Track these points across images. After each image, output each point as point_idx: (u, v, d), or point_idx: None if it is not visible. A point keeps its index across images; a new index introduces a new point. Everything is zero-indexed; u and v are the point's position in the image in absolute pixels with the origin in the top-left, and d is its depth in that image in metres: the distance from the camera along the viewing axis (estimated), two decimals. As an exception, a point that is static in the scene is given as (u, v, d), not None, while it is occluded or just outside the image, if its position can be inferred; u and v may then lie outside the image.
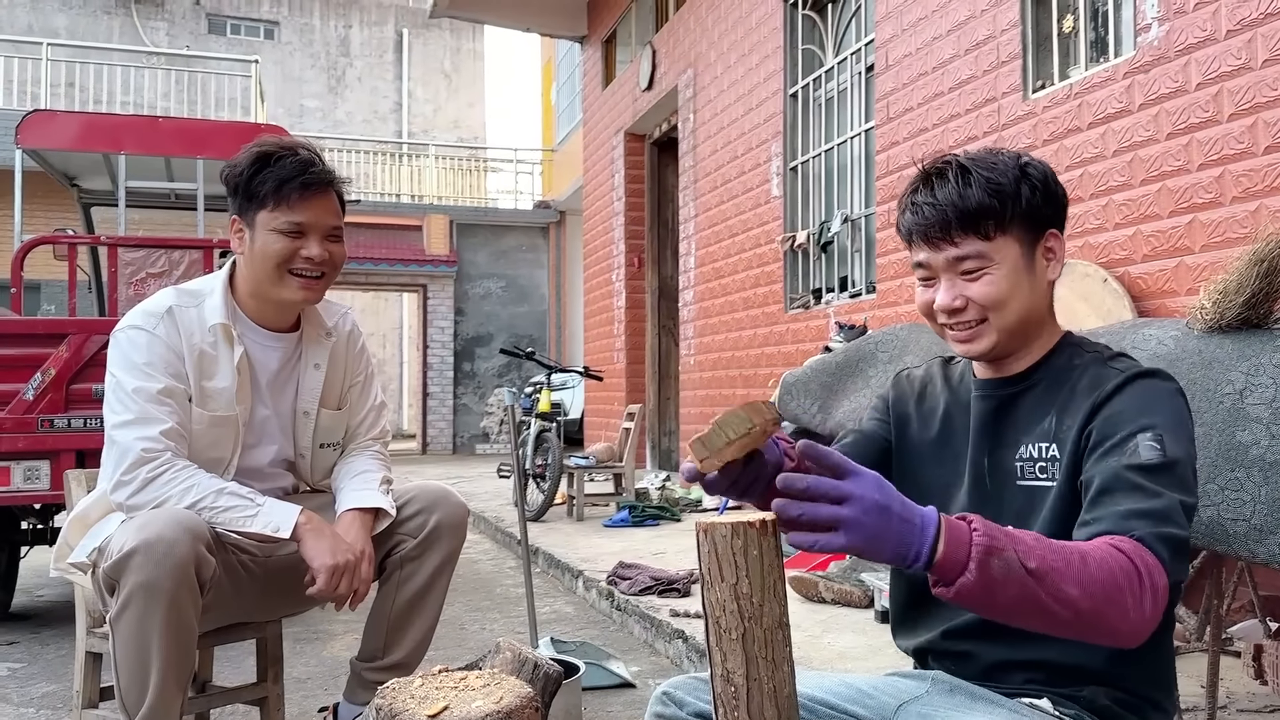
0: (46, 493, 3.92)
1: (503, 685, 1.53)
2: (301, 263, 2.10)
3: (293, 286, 2.12)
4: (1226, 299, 2.21)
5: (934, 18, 5.11)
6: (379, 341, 21.80)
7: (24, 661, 3.81)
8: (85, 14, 18.53)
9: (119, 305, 4.94)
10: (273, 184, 2.06)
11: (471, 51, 22.14)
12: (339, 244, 2.16)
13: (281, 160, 2.08)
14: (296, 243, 2.09)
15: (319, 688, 3.39)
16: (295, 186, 2.06)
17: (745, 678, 1.01)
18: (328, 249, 2.12)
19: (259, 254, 2.10)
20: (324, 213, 2.11)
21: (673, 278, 9.85)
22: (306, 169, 2.08)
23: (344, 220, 2.20)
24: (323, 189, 2.11)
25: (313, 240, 2.10)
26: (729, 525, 1.01)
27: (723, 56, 7.84)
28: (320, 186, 2.10)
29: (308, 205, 2.08)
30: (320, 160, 2.13)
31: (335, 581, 2.00)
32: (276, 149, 2.10)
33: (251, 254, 2.12)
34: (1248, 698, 2.75)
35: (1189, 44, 3.59)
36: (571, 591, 5.04)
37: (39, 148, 5.46)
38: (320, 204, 2.10)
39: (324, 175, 2.11)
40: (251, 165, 2.08)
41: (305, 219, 2.08)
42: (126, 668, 1.88)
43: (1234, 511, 2.07)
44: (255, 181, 2.07)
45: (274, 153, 2.09)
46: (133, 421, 2.00)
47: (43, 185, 7.34)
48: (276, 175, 2.06)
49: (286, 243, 2.08)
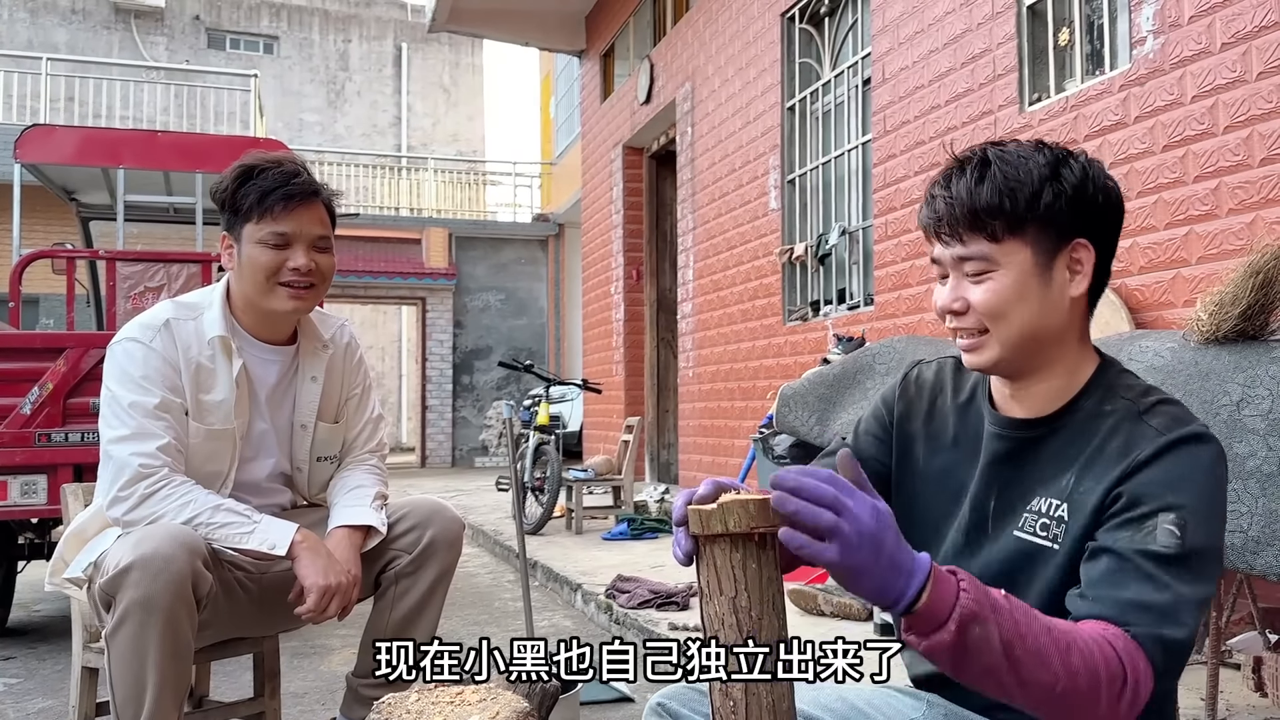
0: (44, 507, 3.91)
1: (499, 700, 1.53)
2: (289, 274, 2.10)
3: (282, 297, 2.12)
4: (1223, 311, 2.22)
5: (931, 31, 5.13)
6: (378, 354, 21.79)
7: (20, 677, 3.79)
8: (85, 29, 18.60)
9: (117, 319, 4.94)
10: (255, 196, 2.06)
11: (470, 66, 22.22)
12: (327, 254, 2.16)
13: (264, 173, 2.08)
14: (282, 254, 2.09)
15: (316, 703, 3.37)
16: (278, 198, 2.06)
17: (744, 691, 1.00)
18: (314, 259, 2.12)
19: (247, 267, 2.10)
20: (308, 222, 2.11)
21: (671, 290, 9.86)
22: (289, 180, 2.08)
23: (334, 231, 2.20)
24: (307, 199, 2.10)
25: (299, 250, 2.10)
26: (728, 538, 1.01)
27: (720, 70, 7.86)
28: (304, 197, 2.10)
29: (291, 216, 2.08)
30: (305, 172, 2.13)
31: (325, 602, 1.99)
32: (259, 162, 2.10)
33: (240, 268, 2.12)
34: (1248, 710, 2.74)
35: (1184, 57, 3.61)
36: (570, 605, 5.03)
37: (38, 162, 5.47)
38: (304, 214, 2.10)
39: (307, 185, 2.11)
40: (235, 180, 2.09)
41: (290, 229, 2.08)
42: (123, 683, 1.87)
43: (1231, 524, 2.07)
44: (239, 195, 2.08)
45: (257, 166, 2.09)
46: (129, 437, 2.00)
47: (42, 200, 7.35)
48: (259, 187, 2.07)
49: (272, 254, 2.08)
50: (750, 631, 1.00)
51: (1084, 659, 1.01)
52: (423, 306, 16.32)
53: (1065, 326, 1.22)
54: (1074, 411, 1.22)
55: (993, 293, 1.19)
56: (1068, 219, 1.19)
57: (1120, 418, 1.18)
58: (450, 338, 16.33)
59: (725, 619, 1.00)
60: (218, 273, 4.86)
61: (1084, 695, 1.01)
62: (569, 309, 16.59)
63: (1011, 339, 1.20)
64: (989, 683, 1.01)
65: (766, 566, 1.01)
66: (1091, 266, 1.21)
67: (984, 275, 1.19)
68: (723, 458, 7.63)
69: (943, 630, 0.97)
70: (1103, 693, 1.01)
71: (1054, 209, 1.18)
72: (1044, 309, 1.19)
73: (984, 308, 1.19)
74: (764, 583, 1.01)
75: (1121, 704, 1.02)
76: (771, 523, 1.00)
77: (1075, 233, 1.20)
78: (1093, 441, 1.18)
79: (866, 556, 0.95)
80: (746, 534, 1.00)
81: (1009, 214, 1.17)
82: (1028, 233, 1.18)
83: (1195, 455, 1.12)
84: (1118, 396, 1.20)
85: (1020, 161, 1.19)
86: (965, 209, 1.18)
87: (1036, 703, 1.02)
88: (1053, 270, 1.19)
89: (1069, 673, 1.00)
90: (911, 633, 0.99)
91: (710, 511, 1.01)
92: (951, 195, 1.20)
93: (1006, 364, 1.22)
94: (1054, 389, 1.23)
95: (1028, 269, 1.18)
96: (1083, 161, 1.22)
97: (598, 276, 11.39)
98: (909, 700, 1.35)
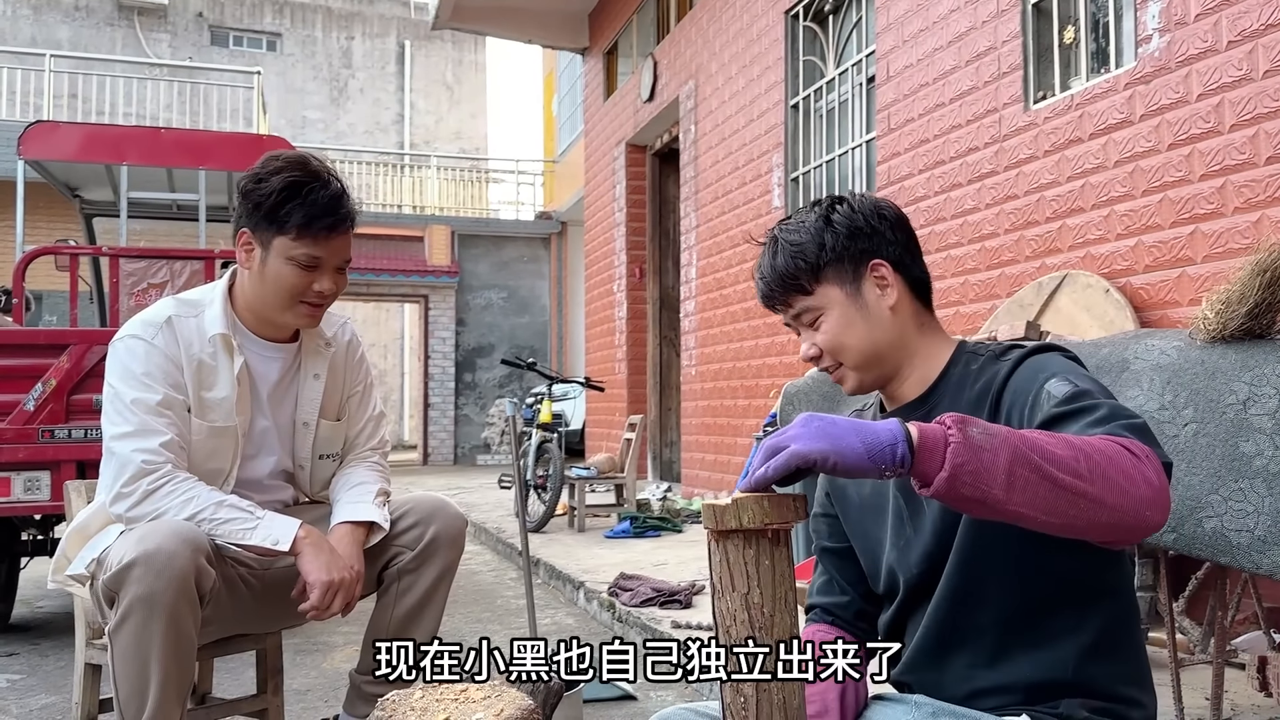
0: (47, 503, 3.91)
1: (504, 697, 1.52)
2: (313, 295, 2.09)
3: (300, 314, 2.12)
4: (1229, 309, 2.20)
5: (935, 29, 5.12)
6: (380, 352, 21.80)
7: (23, 673, 3.79)
8: (88, 25, 18.60)
9: (120, 316, 4.94)
10: (301, 217, 2.01)
11: (473, 63, 22.21)
12: (345, 274, 2.16)
13: (314, 191, 2.02)
14: (311, 275, 2.07)
15: (319, 700, 3.37)
16: (324, 226, 2.02)
17: (755, 688, 1.00)
18: (337, 281, 2.12)
19: (271, 279, 2.07)
20: (342, 248, 2.10)
21: (674, 288, 9.85)
22: (338, 208, 2.04)
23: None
24: (348, 226, 2.09)
25: (326, 274, 2.09)
26: (742, 534, 1.00)
27: (724, 68, 7.85)
28: (348, 225, 2.08)
29: (330, 242, 2.06)
30: (346, 192, 2.09)
31: (329, 598, 1.99)
32: (309, 179, 2.03)
33: (262, 275, 2.08)
34: (1252, 710, 2.73)
35: (1190, 55, 3.60)
36: (573, 603, 5.02)
37: (41, 159, 5.47)
38: (341, 241, 2.08)
39: (351, 214, 2.08)
40: (283, 190, 2.01)
41: (325, 255, 2.06)
42: (126, 680, 1.86)
43: (1237, 523, 2.06)
44: (284, 209, 2.01)
45: (306, 183, 2.02)
46: (132, 433, 1.99)
47: (45, 196, 7.36)
48: (307, 210, 2.01)
49: (302, 275, 2.06)
50: (762, 627, 1.00)
51: (1084, 438, 1.06)
52: (425, 304, 16.32)
53: (899, 331, 1.38)
54: (946, 380, 1.37)
55: (827, 332, 1.38)
56: (854, 250, 1.37)
57: (982, 366, 1.34)
58: (452, 335, 16.33)
59: (737, 614, 1.00)
60: (220, 269, 4.85)
61: (1111, 462, 1.03)
62: (571, 307, 16.59)
63: (859, 361, 1.37)
64: (1026, 483, 1.00)
65: (779, 563, 1.01)
66: (894, 276, 1.38)
67: (817, 321, 1.39)
68: (725, 456, 7.63)
69: (948, 440, 1.00)
70: (1125, 458, 1.04)
71: (837, 248, 1.37)
72: (871, 327, 1.36)
73: (827, 345, 1.38)
74: (777, 579, 1.01)
75: (1146, 467, 1.05)
76: (785, 519, 1.01)
77: (867, 256, 1.37)
78: (966, 392, 1.33)
79: (826, 423, 1.03)
80: (760, 530, 1.00)
81: (807, 269, 1.37)
82: (827, 275, 1.37)
83: (1045, 355, 1.29)
84: (977, 356, 1.37)
85: (799, 226, 1.39)
86: (776, 280, 1.40)
87: (1079, 488, 1.01)
88: (863, 294, 1.37)
89: (1081, 448, 1.03)
90: (925, 464, 1.00)
91: (724, 507, 1.01)
92: (763, 274, 1.42)
93: (870, 380, 1.40)
94: (921, 376, 1.39)
95: (843, 302, 1.37)
96: (849, 200, 1.41)
97: (600, 274, 11.38)
98: (897, 706, 1.37)
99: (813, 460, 1.00)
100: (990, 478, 0.99)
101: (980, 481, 0.99)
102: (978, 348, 1.38)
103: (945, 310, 4.90)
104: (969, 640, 1.29)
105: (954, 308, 4.86)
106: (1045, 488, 1.00)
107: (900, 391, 1.40)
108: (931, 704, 1.32)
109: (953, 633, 1.29)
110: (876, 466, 1.00)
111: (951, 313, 4.85)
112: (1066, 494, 1.00)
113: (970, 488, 0.99)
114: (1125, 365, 2.41)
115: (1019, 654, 1.26)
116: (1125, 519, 1.03)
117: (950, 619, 1.29)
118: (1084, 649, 1.24)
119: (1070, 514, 1.01)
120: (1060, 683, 1.24)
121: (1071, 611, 1.25)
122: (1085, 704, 1.23)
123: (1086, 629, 1.24)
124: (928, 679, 1.34)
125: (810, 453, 1.00)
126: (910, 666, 1.36)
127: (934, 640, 1.31)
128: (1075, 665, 1.23)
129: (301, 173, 2.04)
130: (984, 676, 1.28)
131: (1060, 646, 1.24)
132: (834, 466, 1.00)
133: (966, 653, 1.29)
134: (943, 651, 1.31)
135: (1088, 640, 1.24)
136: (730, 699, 1.02)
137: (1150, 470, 1.04)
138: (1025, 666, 1.25)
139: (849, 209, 1.39)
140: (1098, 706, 1.24)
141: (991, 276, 4.64)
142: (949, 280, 4.91)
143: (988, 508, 1.01)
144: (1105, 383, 2.49)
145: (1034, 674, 1.24)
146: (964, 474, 0.99)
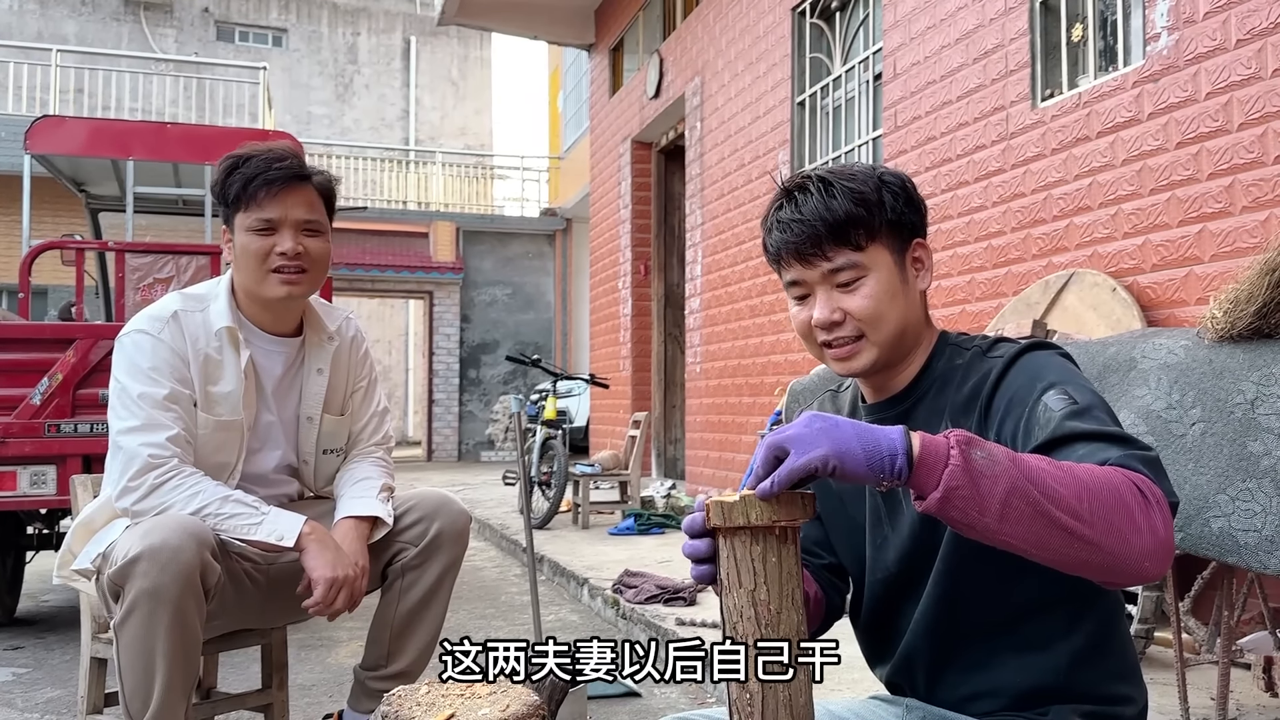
0: (53, 497, 3.92)
1: (509, 693, 1.52)
2: (277, 259, 2.09)
3: (274, 283, 2.11)
4: (1238, 308, 2.20)
5: (942, 26, 5.10)
6: (384, 348, 21.81)
7: (29, 667, 3.80)
8: (94, 21, 18.62)
9: (126, 310, 4.95)
10: (240, 184, 2.07)
11: (479, 59, 22.20)
12: (316, 238, 2.14)
13: (249, 161, 2.09)
14: (270, 239, 2.09)
15: (324, 695, 3.38)
16: (260, 183, 2.06)
17: (761, 685, 1.00)
18: (303, 243, 2.10)
19: (240, 256, 2.12)
20: (294, 206, 2.10)
21: (679, 285, 9.85)
22: (271, 165, 2.08)
23: (333, 217, 2.20)
24: (291, 183, 2.09)
25: (286, 235, 2.09)
26: (749, 531, 1.00)
27: (730, 64, 7.84)
28: (286, 181, 2.08)
29: (276, 201, 2.08)
30: (292, 157, 2.13)
31: (333, 595, 1.99)
32: (246, 151, 2.12)
33: (236, 258, 2.14)
34: (1258, 710, 2.73)
35: (1199, 53, 3.58)
36: (576, 600, 5.03)
37: (48, 153, 5.49)
38: (290, 198, 2.09)
39: (290, 169, 2.10)
40: (224, 171, 2.10)
41: (275, 214, 2.08)
42: (131, 674, 1.87)
43: (1245, 522, 2.06)
44: (227, 185, 2.09)
45: (243, 155, 2.10)
46: (139, 428, 2.00)
47: (51, 191, 7.36)
48: (243, 175, 2.08)
49: (260, 240, 2.08)
50: (768, 624, 1.00)
51: (1089, 472, 1.01)
52: (430, 300, 16.32)
53: (919, 318, 1.31)
54: (930, 373, 1.31)
55: (869, 297, 1.25)
56: (907, 220, 1.28)
57: (969, 361, 1.28)
58: (457, 332, 16.33)
59: (744, 611, 1.00)
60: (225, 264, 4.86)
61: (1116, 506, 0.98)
62: (576, 304, 16.58)
63: (887, 338, 1.26)
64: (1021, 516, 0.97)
65: (786, 561, 1.01)
66: (931, 261, 1.32)
67: (856, 283, 1.25)
68: (730, 453, 7.63)
69: (949, 459, 0.97)
70: (1129, 499, 0.99)
71: (897, 210, 1.27)
72: (908, 306, 1.28)
73: (862, 313, 1.25)
74: (783, 577, 1.01)
75: (1153, 512, 1.00)
76: (793, 517, 1.01)
77: (913, 232, 1.29)
78: (952, 388, 1.27)
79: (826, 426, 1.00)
80: (767, 527, 1.00)
81: (865, 221, 1.24)
82: (883, 236, 1.26)
83: (1037, 356, 1.22)
84: (962, 350, 1.30)
85: (853, 175, 1.27)
86: (825, 224, 1.24)
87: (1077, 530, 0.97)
88: (906, 269, 1.29)
89: (1090, 479, 0.99)
90: (922, 484, 0.99)
91: (732, 504, 1.01)
92: (806, 215, 1.25)
93: (882, 361, 1.29)
94: (910, 365, 1.32)
95: (893, 270, 1.27)
96: (893, 170, 1.31)
97: (605, 271, 11.38)
98: (889, 707, 1.36)
99: (814, 469, 0.99)
100: (984, 506, 0.98)
101: (972, 508, 0.98)
102: (960, 340, 1.33)
103: (952, 308, 4.89)
104: (958, 645, 1.27)
105: (960, 306, 4.85)
106: (1040, 524, 0.98)
107: (894, 380, 1.32)
108: (923, 708, 1.32)
109: (942, 638, 1.28)
110: (875, 475, 1.00)
111: (958, 311, 4.84)
112: (1061, 533, 0.98)
113: (961, 512, 0.98)
114: (1133, 364, 2.40)
115: (1009, 659, 1.24)
116: (1120, 565, 1.00)
117: (938, 624, 1.27)
118: (1075, 653, 1.22)
119: (1063, 552, 0.99)
120: (1051, 688, 1.22)
121: (1061, 616, 1.23)
122: (1077, 709, 1.22)
123: (1077, 633, 1.23)
124: (918, 682, 1.33)
125: (812, 462, 0.99)
126: (901, 669, 1.35)
127: (924, 644, 1.30)
128: (1067, 671, 1.22)
129: (241, 153, 2.11)
130: (974, 681, 1.26)
131: (1051, 652, 1.23)
132: (834, 471, 0.99)
133: (956, 657, 1.28)
134: (933, 656, 1.30)
135: (1079, 644, 1.22)
136: (736, 695, 1.02)
137: (1158, 519, 1.00)
138: (1015, 672, 1.23)
139: (898, 177, 1.30)
140: (1090, 711, 1.22)
141: (998, 275, 4.63)
142: (955, 278, 4.89)
143: (977, 533, 1.00)
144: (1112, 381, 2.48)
145: (1024, 679, 1.23)
146: (957, 498, 0.97)
